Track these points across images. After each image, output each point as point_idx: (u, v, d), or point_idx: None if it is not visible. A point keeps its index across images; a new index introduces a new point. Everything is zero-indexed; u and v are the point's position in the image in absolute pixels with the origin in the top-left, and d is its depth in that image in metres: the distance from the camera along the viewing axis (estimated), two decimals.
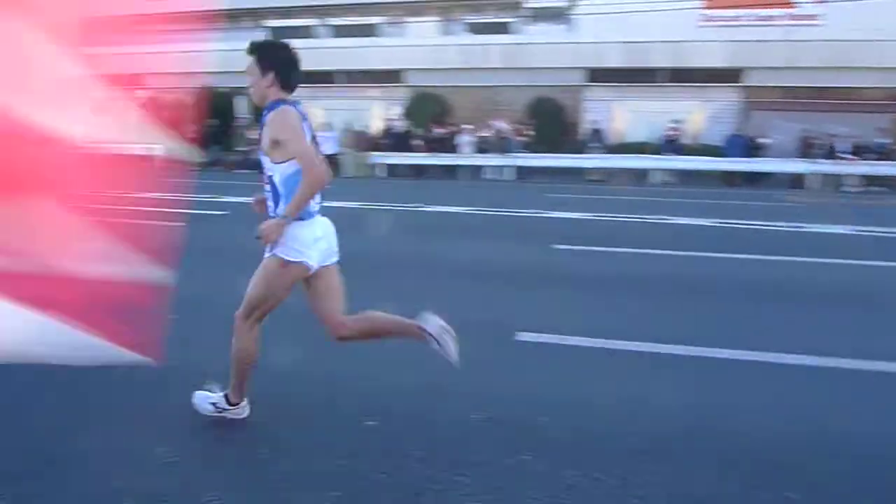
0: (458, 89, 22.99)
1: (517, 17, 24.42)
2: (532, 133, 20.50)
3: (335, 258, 3.04)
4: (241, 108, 21.52)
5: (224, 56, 24.96)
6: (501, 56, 22.78)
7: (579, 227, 9.89)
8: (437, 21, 25.68)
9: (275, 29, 24.86)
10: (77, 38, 1.80)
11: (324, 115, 22.63)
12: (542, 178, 18.87)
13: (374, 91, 24.43)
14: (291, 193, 2.76)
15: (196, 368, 3.36)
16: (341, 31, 24.24)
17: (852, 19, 18.88)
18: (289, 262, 2.82)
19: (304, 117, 2.87)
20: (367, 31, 25.49)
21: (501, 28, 24.25)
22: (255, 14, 29.67)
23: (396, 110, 22.86)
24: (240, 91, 22.73)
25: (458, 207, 11.38)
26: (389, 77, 23.91)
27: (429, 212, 11.03)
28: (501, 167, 19.54)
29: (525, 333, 4.37)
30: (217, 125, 20.82)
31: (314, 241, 2.86)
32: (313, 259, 2.86)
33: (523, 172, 19.34)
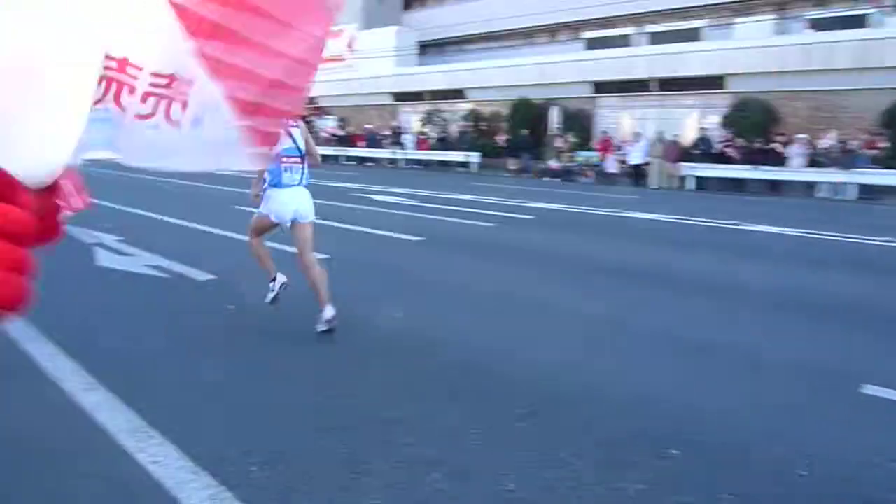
0: (791, 94, 20.15)
1: (877, 7, 20.37)
2: (886, 145, 16.85)
3: (308, 219, 4.44)
4: (553, 118, 22.25)
5: (540, 68, 26.04)
6: (851, 55, 19.21)
7: None
8: (770, 20, 22.93)
9: (591, 40, 25.11)
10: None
11: (634, 125, 22.14)
12: (892, 199, 15.43)
13: (689, 99, 22.93)
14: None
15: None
16: (658, 38, 23.36)
17: None
18: (260, 214, 4.58)
19: None
20: (686, 35, 24.07)
21: (854, 22, 20.49)
22: (572, 27, 30.48)
23: (714, 119, 21.07)
24: (554, 101, 23.57)
25: (784, 228, 9.94)
26: (708, 83, 22.15)
27: (747, 230, 9.86)
28: (842, 184, 16.53)
29: (874, 387, 3.53)
30: (529, 134, 21.88)
31: (280, 205, 4.36)
32: (274, 215, 4.43)
33: (869, 191, 16.05)
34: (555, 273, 6.30)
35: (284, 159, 4.22)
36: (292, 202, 4.34)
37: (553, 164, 19.93)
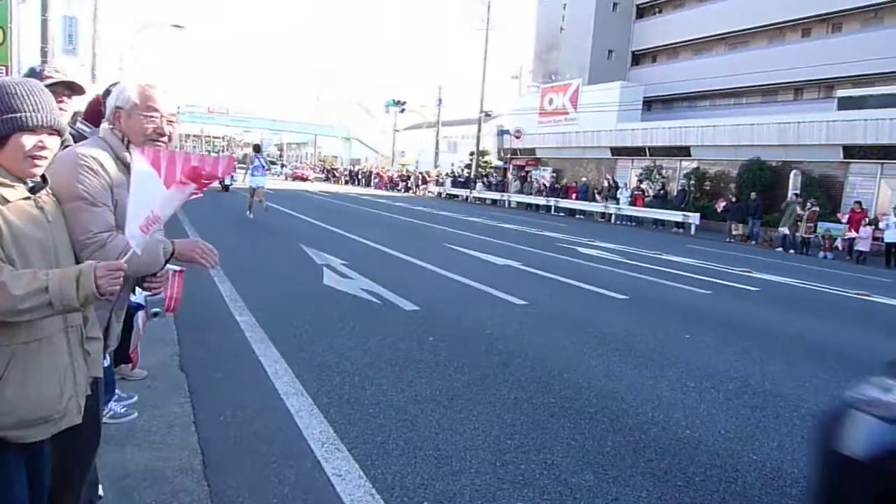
0: None
1: None
2: None
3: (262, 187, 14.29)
4: (795, 183, 19.97)
5: (780, 128, 23.93)
6: None
7: None
8: None
9: (845, 99, 22.25)
10: None
11: (894, 197, 18.98)
12: None
13: None
14: None
15: None
16: None
17: None
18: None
19: None
20: None
21: None
22: (823, 84, 27.39)
23: None
24: (794, 164, 21.24)
25: None
26: None
27: None
28: None
29: None
30: (760, 199, 19.88)
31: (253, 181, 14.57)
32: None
33: None
34: (776, 353, 5.48)
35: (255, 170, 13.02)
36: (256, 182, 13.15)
37: (787, 232, 17.75)
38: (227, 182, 22.82)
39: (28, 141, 1.55)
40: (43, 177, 1.67)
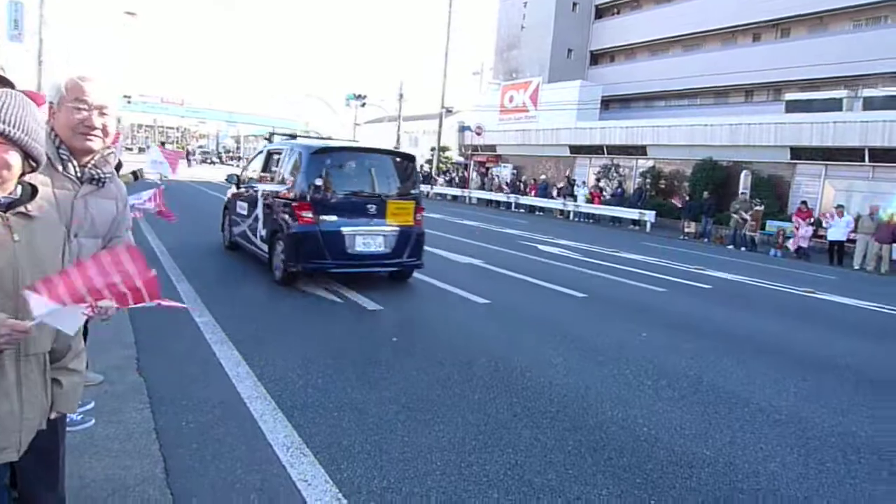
0: None
1: None
2: None
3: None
4: (745, 182, 20.62)
5: (732, 129, 24.68)
6: None
7: None
8: None
9: (792, 102, 23.11)
10: None
11: (837, 197, 19.81)
12: None
13: None
14: None
15: None
16: (874, 104, 20.73)
17: None
18: None
19: None
20: None
21: None
22: (772, 87, 28.38)
23: None
24: (745, 165, 21.94)
25: None
26: None
27: None
28: None
29: None
30: (711, 197, 20.50)
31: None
32: None
33: None
34: (729, 351, 5.70)
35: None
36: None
37: (738, 230, 18.38)
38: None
39: None
40: (32, 189, 1.56)
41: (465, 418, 3.60)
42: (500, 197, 29.58)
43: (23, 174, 1.55)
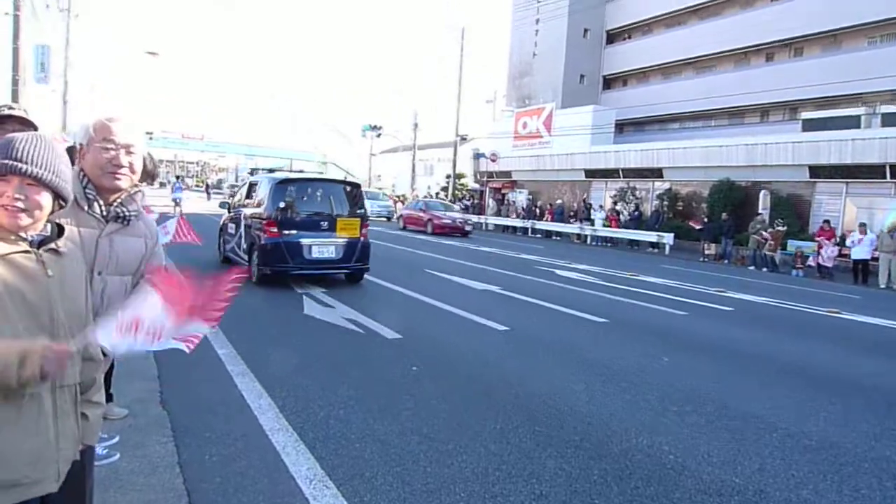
0: None
1: None
2: None
3: None
4: (765, 202, 20.43)
5: (749, 150, 24.51)
6: None
7: None
8: None
9: (808, 121, 22.99)
10: None
11: (859, 215, 19.53)
12: None
13: None
14: None
15: None
16: (893, 120, 20.54)
17: None
18: None
19: None
20: None
21: None
22: (787, 106, 28.28)
23: None
24: (763, 184, 21.76)
25: None
26: None
27: None
28: None
29: None
30: (730, 218, 20.32)
31: None
32: None
33: None
34: (754, 374, 5.59)
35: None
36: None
37: (758, 251, 18.16)
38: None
39: None
40: (59, 228, 1.62)
41: (487, 448, 3.57)
42: (517, 222, 29.60)
43: (51, 213, 1.61)
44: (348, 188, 10.02)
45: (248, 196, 10.32)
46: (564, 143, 30.96)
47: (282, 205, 8.90)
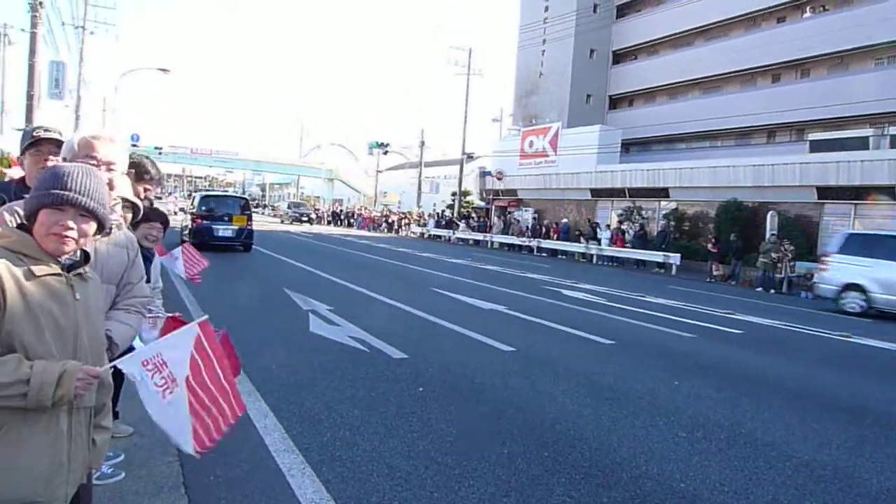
0: None
1: None
2: None
3: None
4: (772, 223, 20.33)
5: (756, 171, 24.46)
6: None
7: None
8: None
9: (816, 142, 22.98)
10: None
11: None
12: None
13: None
14: None
15: None
16: None
17: None
18: None
19: None
20: None
21: None
22: (794, 127, 28.29)
23: None
24: (770, 205, 21.70)
25: None
26: None
27: None
28: None
29: None
30: (739, 239, 20.24)
31: None
32: None
33: None
34: (765, 399, 5.52)
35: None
36: None
37: (766, 272, 18.05)
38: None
39: (49, 218, 1.57)
40: (85, 255, 1.69)
41: (494, 473, 3.51)
42: (522, 241, 29.59)
43: None
44: (242, 200, 20.28)
45: (192, 204, 19.75)
46: (570, 163, 31.03)
47: (203, 208, 17.64)
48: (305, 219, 47.15)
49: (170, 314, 3.64)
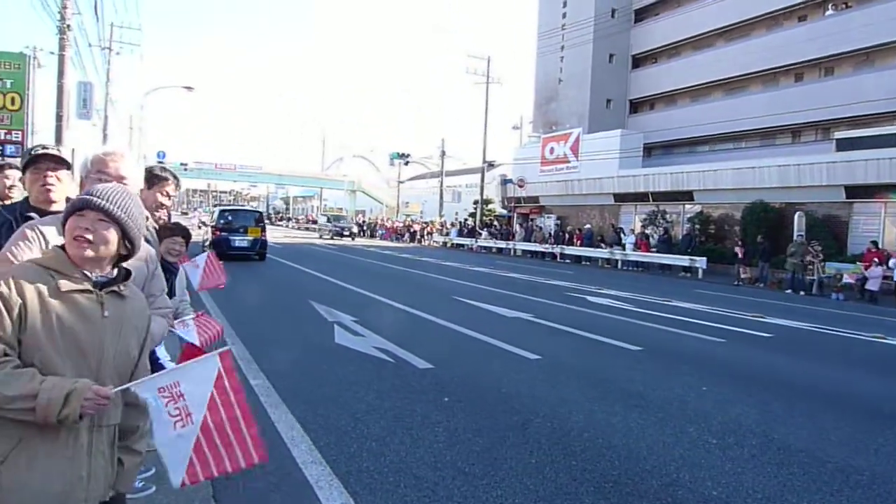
0: None
1: None
2: None
3: None
4: (800, 224, 19.93)
5: (781, 171, 24.08)
6: None
7: None
8: None
9: (843, 140, 22.52)
10: None
11: None
12: None
13: None
14: None
15: None
16: None
17: None
18: None
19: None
20: None
21: None
22: (819, 126, 27.77)
23: None
24: (797, 206, 21.31)
25: None
26: None
27: None
28: None
29: None
30: (766, 241, 19.89)
31: None
32: None
33: None
34: (797, 404, 5.40)
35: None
36: None
37: (795, 274, 17.70)
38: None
39: (71, 223, 1.60)
40: (126, 273, 1.69)
41: (523, 483, 3.49)
42: (545, 248, 29.45)
43: (121, 258, 1.70)
44: (257, 213, 21.92)
45: (212, 218, 22.14)
46: (592, 168, 30.85)
47: (222, 221, 19.54)
48: (347, 233, 43.06)
49: (197, 312, 3.73)
